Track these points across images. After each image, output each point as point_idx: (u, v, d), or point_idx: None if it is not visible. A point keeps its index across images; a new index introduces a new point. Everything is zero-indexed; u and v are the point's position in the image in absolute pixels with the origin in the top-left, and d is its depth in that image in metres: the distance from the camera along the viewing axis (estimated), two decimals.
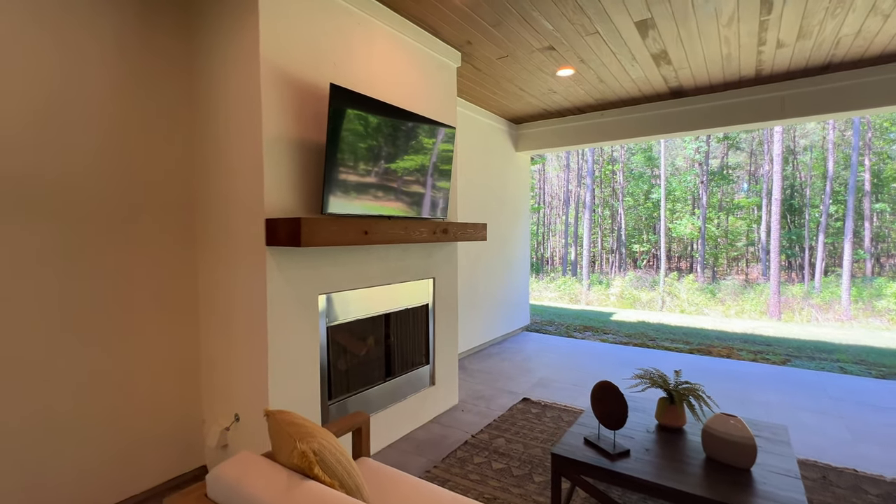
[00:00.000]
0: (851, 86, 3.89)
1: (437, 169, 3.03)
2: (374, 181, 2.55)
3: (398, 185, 2.73)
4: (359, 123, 2.40)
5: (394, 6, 2.78)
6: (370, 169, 2.50)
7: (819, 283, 17.00)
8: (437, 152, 3.00)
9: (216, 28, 2.33)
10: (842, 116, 4.13)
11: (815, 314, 13.44)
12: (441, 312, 3.43)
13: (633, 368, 4.55)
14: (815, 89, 4.03)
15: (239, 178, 2.25)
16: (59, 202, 1.98)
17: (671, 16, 2.90)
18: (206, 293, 2.49)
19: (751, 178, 24.59)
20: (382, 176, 2.60)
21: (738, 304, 14.52)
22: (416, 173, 2.84)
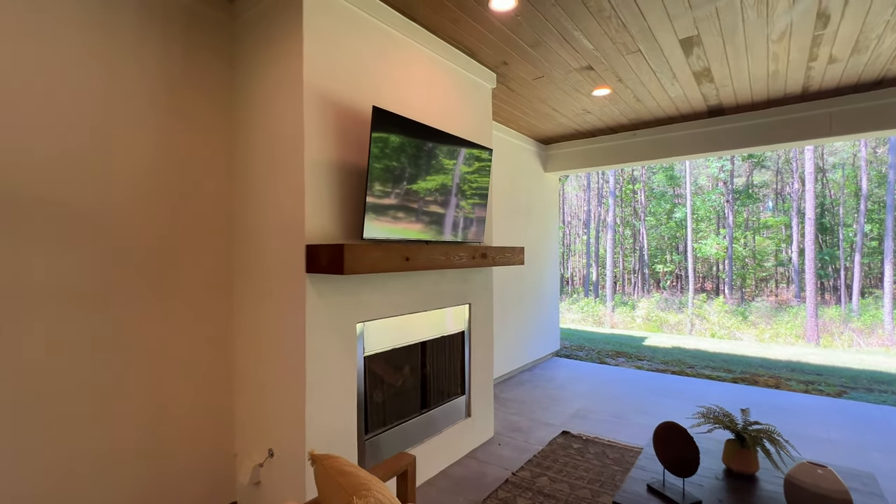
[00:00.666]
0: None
1: (475, 192, 2.94)
2: (413, 205, 2.46)
3: (437, 209, 2.65)
4: (399, 146, 2.33)
5: (432, 28, 2.74)
6: (409, 192, 2.43)
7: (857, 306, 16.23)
8: (476, 175, 2.92)
9: (260, 55, 2.31)
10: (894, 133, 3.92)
11: (857, 339, 12.76)
12: (477, 340, 3.28)
13: (676, 399, 4.30)
14: (866, 105, 3.85)
15: (279, 204, 2.19)
16: (99, 229, 1.95)
17: (719, 32, 2.79)
18: (242, 322, 2.41)
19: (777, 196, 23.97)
20: (421, 199, 2.52)
21: (772, 327, 13.91)
22: (455, 196, 2.76)
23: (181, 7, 2.24)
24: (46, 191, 1.80)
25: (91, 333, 1.92)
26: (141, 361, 2.08)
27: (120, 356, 2.01)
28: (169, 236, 2.19)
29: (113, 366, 1.99)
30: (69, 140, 1.86)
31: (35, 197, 1.77)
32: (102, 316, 1.95)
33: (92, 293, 1.92)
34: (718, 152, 4.60)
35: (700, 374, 5.29)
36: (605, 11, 2.55)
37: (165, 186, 2.17)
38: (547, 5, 2.50)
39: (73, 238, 1.87)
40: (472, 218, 2.94)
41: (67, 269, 1.85)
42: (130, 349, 2.05)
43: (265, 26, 2.27)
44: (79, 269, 1.88)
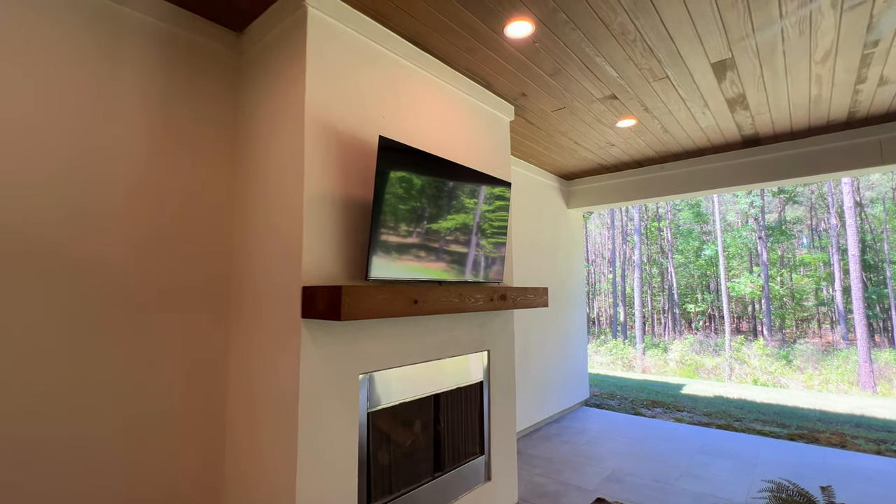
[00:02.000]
0: None
1: (493, 228, 2.71)
2: (423, 242, 2.25)
3: (450, 247, 2.42)
4: (408, 178, 2.15)
5: (445, 58, 2.62)
6: (419, 228, 2.22)
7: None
8: (493, 210, 2.70)
9: (263, 87, 2.21)
10: None
11: None
12: (497, 391, 2.95)
13: (726, 459, 3.78)
14: None
15: (275, 241, 2.01)
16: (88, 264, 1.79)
17: (755, 54, 2.58)
18: (236, 370, 2.18)
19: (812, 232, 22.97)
20: (432, 236, 2.30)
21: (820, 372, 12.84)
22: (469, 233, 2.53)
23: (186, 41, 2.17)
24: (34, 222, 1.66)
25: (70, 381, 1.72)
26: (122, 412, 1.86)
27: (100, 406, 1.80)
28: (167, 276, 2.01)
29: (92, 416, 1.77)
30: (62, 169, 1.74)
31: (24, 231, 1.63)
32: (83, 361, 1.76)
33: (75, 337, 1.74)
34: (755, 185, 4.28)
35: (750, 429, 4.72)
36: (630, 34, 2.39)
37: (164, 220, 2.02)
38: (566, 30, 2.35)
39: (58, 273, 1.71)
40: (486, 252, 2.70)
41: (48, 309, 1.68)
42: (111, 397, 1.83)
43: (270, 59, 2.18)
44: (63, 307, 1.71)
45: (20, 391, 1.62)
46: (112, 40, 1.93)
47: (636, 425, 4.84)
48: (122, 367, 1.88)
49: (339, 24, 2.12)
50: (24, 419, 1.63)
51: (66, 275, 1.74)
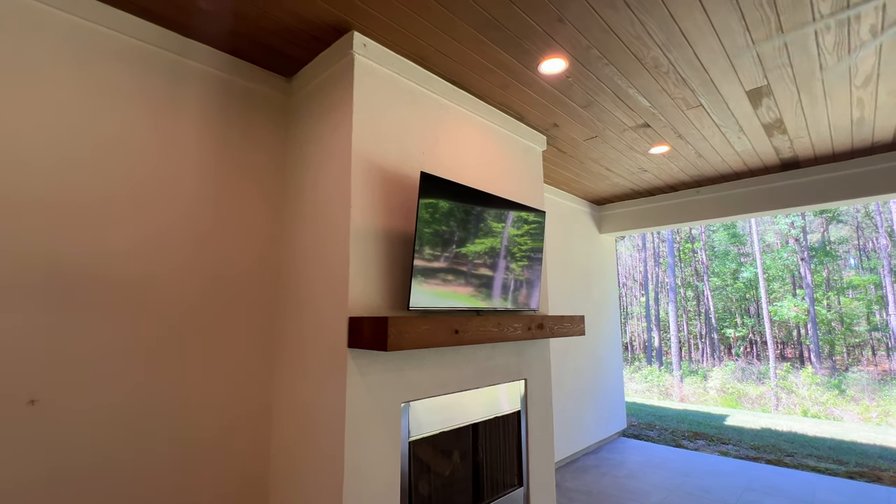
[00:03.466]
0: None
1: (529, 257, 2.75)
2: (461, 271, 2.30)
3: (488, 276, 2.47)
4: (448, 210, 2.22)
5: (480, 94, 2.73)
6: (457, 259, 2.28)
7: None
8: (529, 239, 2.74)
9: (311, 127, 2.36)
10: None
11: None
12: (535, 420, 2.92)
13: (778, 497, 3.57)
14: None
15: (322, 272, 2.11)
16: (141, 300, 1.93)
17: (791, 80, 2.58)
18: (281, 396, 2.26)
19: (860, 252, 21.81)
20: (470, 266, 2.35)
21: (878, 403, 11.97)
22: (507, 262, 2.58)
23: (241, 87, 2.35)
24: (94, 260, 1.81)
25: (123, 407, 1.83)
26: (169, 437, 1.96)
27: (152, 432, 1.90)
28: (213, 303, 2.14)
29: (144, 441, 1.87)
30: (126, 211, 1.90)
31: (82, 264, 1.78)
32: (133, 388, 1.87)
33: (124, 364, 1.86)
34: (795, 208, 4.16)
35: (803, 466, 4.45)
36: (663, 67, 2.43)
37: (214, 253, 2.16)
38: (599, 65, 2.42)
39: (122, 298, 1.85)
40: (522, 280, 2.72)
41: (102, 339, 1.81)
42: (161, 424, 1.93)
43: (318, 101, 2.33)
44: (113, 337, 1.84)
45: (90, 413, 1.74)
46: (176, 87, 2.12)
47: (678, 458, 4.64)
48: (176, 391, 1.98)
49: (383, 69, 2.25)
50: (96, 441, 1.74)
51: (131, 301, 1.88)
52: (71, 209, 1.77)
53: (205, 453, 2.04)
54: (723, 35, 2.16)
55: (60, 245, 1.73)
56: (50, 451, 1.65)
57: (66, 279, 1.73)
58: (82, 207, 1.79)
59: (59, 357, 1.69)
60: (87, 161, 1.82)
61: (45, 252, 1.69)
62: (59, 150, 1.76)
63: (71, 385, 1.71)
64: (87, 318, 1.76)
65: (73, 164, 1.79)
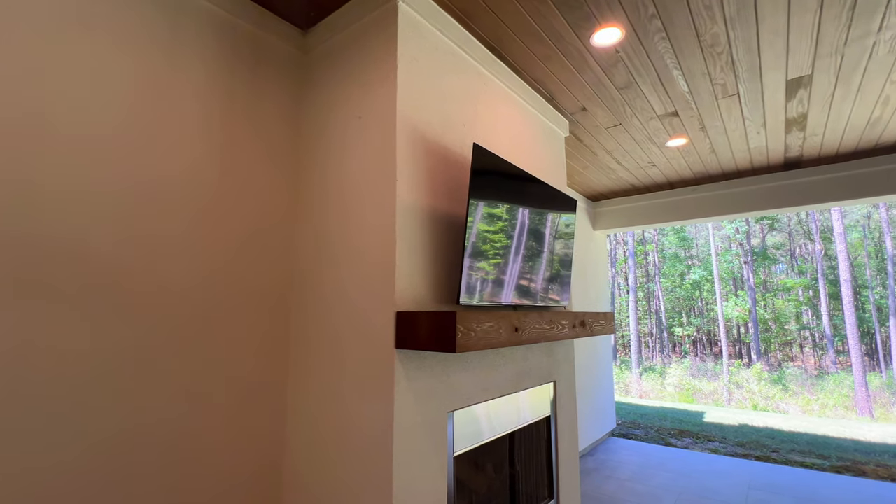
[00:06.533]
0: None
1: (564, 248, 2.52)
2: (510, 262, 2.03)
3: (531, 268, 2.21)
4: (499, 193, 1.94)
5: (518, 67, 2.46)
6: (507, 247, 2.00)
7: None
8: (565, 229, 2.51)
9: (338, 86, 1.99)
10: None
11: None
12: (563, 427, 2.70)
13: (785, 497, 3.57)
14: None
15: (356, 259, 1.76)
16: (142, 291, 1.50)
17: (836, 71, 2.50)
18: (299, 408, 1.89)
19: (791, 258, 23.60)
20: (518, 256, 2.09)
21: (817, 397, 12.89)
22: (548, 253, 2.33)
23: (247, 35, 1.95)
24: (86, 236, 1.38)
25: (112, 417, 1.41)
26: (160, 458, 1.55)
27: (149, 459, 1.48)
28: (222, 298, 1.73)
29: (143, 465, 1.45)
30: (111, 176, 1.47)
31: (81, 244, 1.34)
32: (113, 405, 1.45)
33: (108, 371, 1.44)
34: (790, 208, 4.22)
35: (791, 461, 4.53)
36: (719, 46, 2.27)
37: (213, 233, 1.76)
38: (655, 39, 2.22)
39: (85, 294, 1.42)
40: (558, 274, 2.49)
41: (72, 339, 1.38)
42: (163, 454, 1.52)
43: (346, 56, 1.97)
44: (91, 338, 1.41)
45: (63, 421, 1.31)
46: (175, 21, 1.70)
47: (673, 458, 4.60)
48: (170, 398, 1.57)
49: (426, 23, 1.94)
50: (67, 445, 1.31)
51: (110, 291, 1.46)
52: (39, 163, 1.32)
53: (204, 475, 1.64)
54: (794, 11, 2.01)
55: (21, 216, 1.28)
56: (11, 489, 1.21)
57: (26, 261, 1.29)
58: (55, 154, 1.36)
59: (21, 362, 1.25)
60: (60, 109, 1.38)
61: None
62: (27, 95, 1.32)
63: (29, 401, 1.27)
64: (55, 311, 1.33)
65: (44, 114, 1.35)
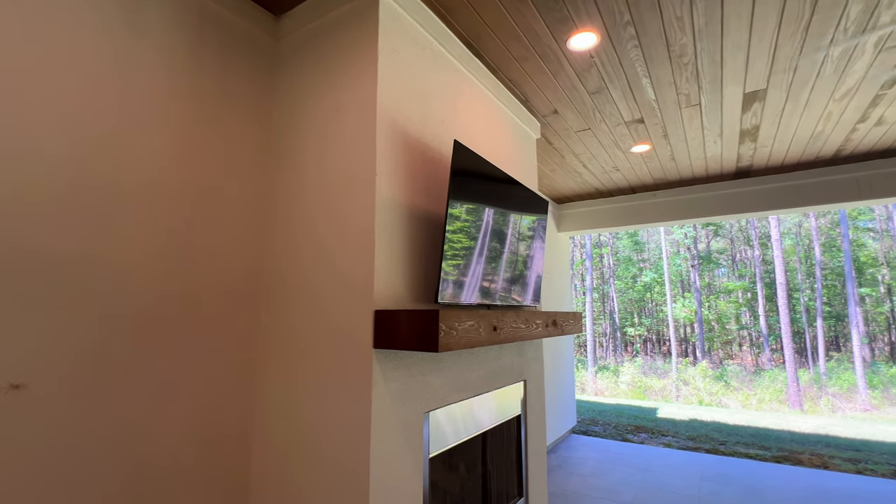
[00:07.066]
0: None
1: (535, 248, 2.54)
2: (488, 262, 2.02)
3: (508, 266, 2.21)
4: (479, 191, 1.93)
5: (494, 66, 2.46)
6: (484, 247, 1.99)
7: (825, 370, 16.57)
8: (536, 229, 2.54)
9: (314, 77, 1.91)
10: None
11: (838, 404, 12.80)
12: (532, 425, 2.73)
13: (733, 486, 3.78)
14: (894, 171, 3.86)
15: (332, 256, 1.69)
16: (75, 284, 1.37)
17: (787, 86, 2.67)
18: (267, 419, 1.79)
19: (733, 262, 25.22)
20: (495, 255, 2.08)
21: (754, 392, 13.81)
22: (519, 252, 2.34)
23: (215, 19, 1.84)
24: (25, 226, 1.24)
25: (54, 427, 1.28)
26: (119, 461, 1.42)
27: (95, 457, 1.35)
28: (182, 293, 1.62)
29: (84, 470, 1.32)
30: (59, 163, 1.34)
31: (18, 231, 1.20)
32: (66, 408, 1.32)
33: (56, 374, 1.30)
34: (742, 214, 4.49)
35: (737, 453, 4.82)
36: (686, 57, 2.37)
37: (176, 227, 1.64)
38: (628, 47, 2.28)
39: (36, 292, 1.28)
40: (530, 273, 2.51)
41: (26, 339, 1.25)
42: (109, 442, 1.39)
43: (322, 46, 1.90)
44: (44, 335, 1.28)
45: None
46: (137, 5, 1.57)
47: (631, 453, 4.77)
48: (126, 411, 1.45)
49: (406, 15, 1.90)
50: None
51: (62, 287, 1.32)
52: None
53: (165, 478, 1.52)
54: (756, 27, 2.13)
55: None
56: None
57: None
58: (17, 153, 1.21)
59: None
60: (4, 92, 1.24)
61: None
62: None
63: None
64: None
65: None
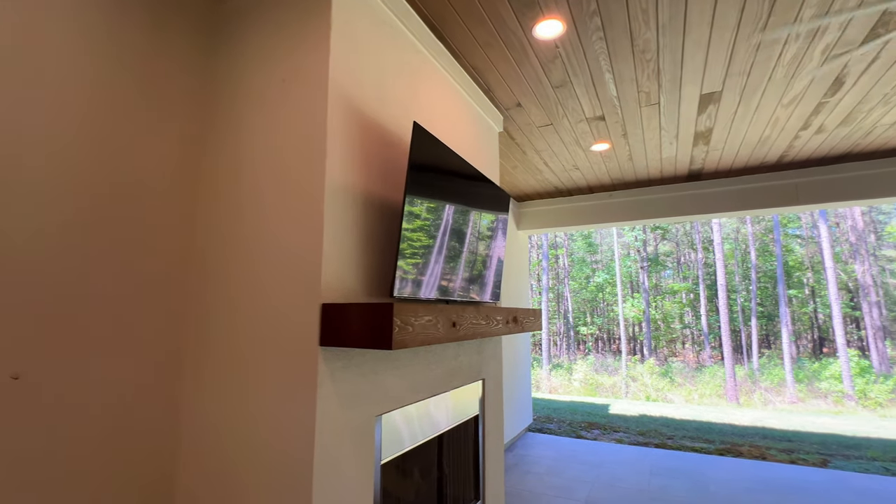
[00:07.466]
0: (865, 176, 3.98)
1: (495, 242, 2.46)
2: (446, 254, 1.91)
3: (468, 262, 2.11)
4: (438, 179, 1.81)
5: (457, 51, 2.36)
6: (442, 237, 1.88)
7: (758, 366, 17.78)
8: (497, 223, 2.46)
9: (258, 46, 1.72)
10: (852, 205, 4.20)
11: (770, 397, 13.73)
12: (490, 426, 2.65)
13: (680, 479, 3.88)
14: (829, 178, 4.10)
15: (279, 242, 1.52)
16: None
17: (741, 90, 2.74)
18: (194, 425, 1.59)
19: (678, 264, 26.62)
20: (448, 247, 1.98)
21: (696, 388, 14.57)
22: (479, 246, 2.25)
23: None
24: None
25: None
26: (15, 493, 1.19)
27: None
28: (94, 277, 1.39)
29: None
30: None
31: None
32: None
33: None
34: (693, 216, 4.65)
35: (684, 447, 4.99)
36: (649, 53, 2.36)
37: (95, 205, 1.41)
38: (593, 38, 2.24)
39: None
40: (490, 268, 2.43)
41: None
42: None
43: (269, 13, 1.72)
44: None
45: None
46: None
47: (584, 450, 4.82)
48: None
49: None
50: None
51: None
52: None
53: None
54: (717, 25, 2.14)
55: None
56: None
57: None
58: None
59: None
60: None
61: None
62: None
63: None
64: None
65: None
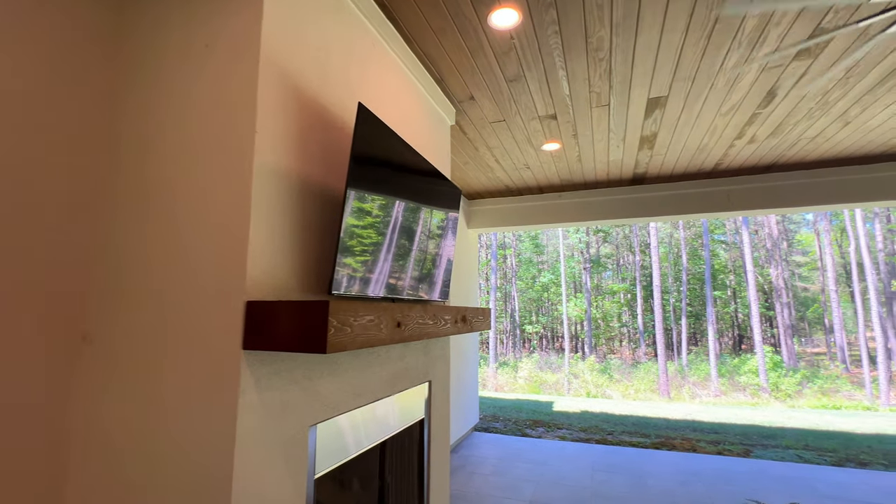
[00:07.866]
0: (785, 186, 4.28)
1: (444, 238, 2.36)
2: (392, 249, 1.78)
3: (416, 257, 1.99)
4: (382, 167, 1.68)
5: (409, 35, 2.23)
6: (387, 231, 1.75)
7: (686, 362, 19.04)
8: (445, 219, 2.36)
9: (178, 6, 1.50)
10: (777, 212, 4.51)
11: (697, 391, 14.72)
12: (436, 430, 2.54)
13: (620, 474, 3.98)
14: (757, 186, 4.37)
15: (196, 231, 1.32)
16: None
17: (685, 95, 2.82)
18: (87, 442, 1.35)
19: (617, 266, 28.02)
20: (400, 242, 1.85)
21: (632, 383, 15.33)
22: (427, 242, 2.14)
23: None
24: None
25: None
26: None
27: None
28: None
29: None
30: None
31: None
32: None
33: None
34: (637, 219, 4.80)
35: (623, 442, 5.16)
36: (602, 52, 2.35)
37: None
38: (548, 32, 2.19)
39: None
40: (438, 266, 2.33)
41: None
42: None
43: None
44: None
45: None
46: None
47: (529, 448, 4.85)
48: None
49: None
50: None
51: None
52: None
53: None
54: (667, 28, 2.16)
55: None
56: None
57: None
58: None
59: None
60: None
61: None
62: None
63: None
64: None
65: None
